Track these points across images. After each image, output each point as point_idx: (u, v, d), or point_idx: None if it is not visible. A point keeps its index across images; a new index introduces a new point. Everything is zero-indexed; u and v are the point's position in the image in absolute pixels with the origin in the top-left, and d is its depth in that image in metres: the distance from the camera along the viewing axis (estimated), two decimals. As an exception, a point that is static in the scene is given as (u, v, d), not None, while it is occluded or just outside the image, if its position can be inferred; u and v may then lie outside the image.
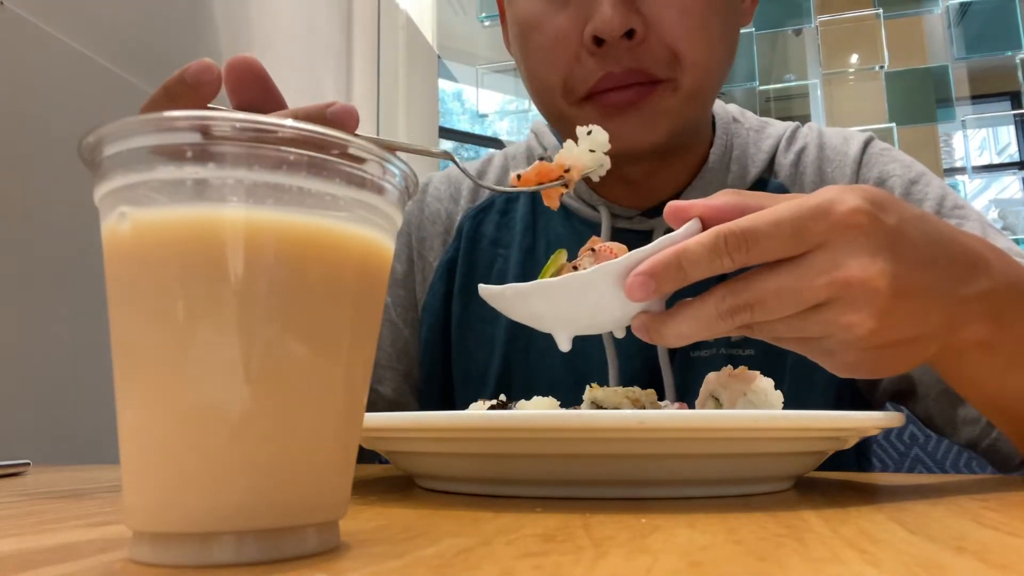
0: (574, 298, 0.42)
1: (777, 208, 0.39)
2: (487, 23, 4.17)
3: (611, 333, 0.65)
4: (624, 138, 0.61)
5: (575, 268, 0.45)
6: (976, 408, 0.52)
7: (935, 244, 0.42)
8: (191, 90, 0.41)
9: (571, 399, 0.49)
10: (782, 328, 0.41)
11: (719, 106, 0.75)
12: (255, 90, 0.43)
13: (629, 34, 0.58)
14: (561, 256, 0.46)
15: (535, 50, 0.63)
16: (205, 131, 0.22)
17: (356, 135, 0.44)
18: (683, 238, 0.40)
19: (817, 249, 0.38)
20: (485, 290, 0.45)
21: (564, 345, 0.44)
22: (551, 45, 0.61)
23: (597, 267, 0.41)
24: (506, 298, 0.44)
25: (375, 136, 0.48)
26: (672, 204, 0.43)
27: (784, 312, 0.39)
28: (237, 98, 0.43)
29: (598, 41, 0.58)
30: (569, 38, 0.60)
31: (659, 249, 0.40)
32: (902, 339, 0.40)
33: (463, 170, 0.53)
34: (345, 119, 0.40)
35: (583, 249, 0.46)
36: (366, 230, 0.25)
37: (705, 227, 0.41)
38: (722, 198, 0.42)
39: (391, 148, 0.48)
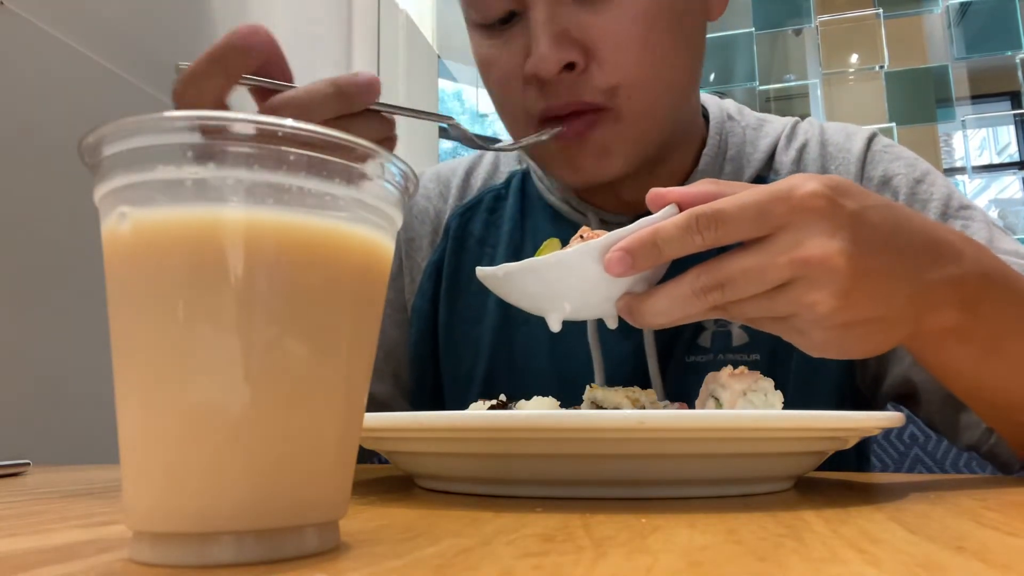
0: (561, 275, 0.44)
1: (746, 192, 0.42)
2: (487, 23, 4.16)
3: (598, 336, 0.66)
4: (584, 172, 0.62)
5: None
6: (960, 397, 0.53)
7: (899, 230, 0.44)
8: (241, 54, 0.46)
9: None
10: (753, 308, 0.43)
11: (714, 104, 0.73)
12: (266, 59, 0.48)
13: (570, 66, 0.57)
14: (554, 244, 0.48)
15: (492, 86, 0.64)
16: (205, 131, 0.22)
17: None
18: (659, 221, 0.43)
19: (780, 231, 0.41)
20: (482, 271, 0.47)
21: (555, 326, 0.46)
22: (502, 82, 0.62)
23: (581, 245, 0.43)
24: (499, 278, 0.46)
25: (381, 101, 0.51)
26: (653, 191, 0.45)
27: (752, 291, 0.41)
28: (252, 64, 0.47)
29: (539, 79, 0.58)
30: (515, 75, 0.60)
31: (638, 229, 0.42)
32: (865, 319, 0.42)
33: (466, 135, 0.55)
34: (371, 85, 0.47)
35: (574, 238, 0.47)
36: (366, 230, 0.25)
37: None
38: (699, 187, 0.44)
39: (397, 111, 0.52)
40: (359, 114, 0.50)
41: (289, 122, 0.22)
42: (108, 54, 1.07)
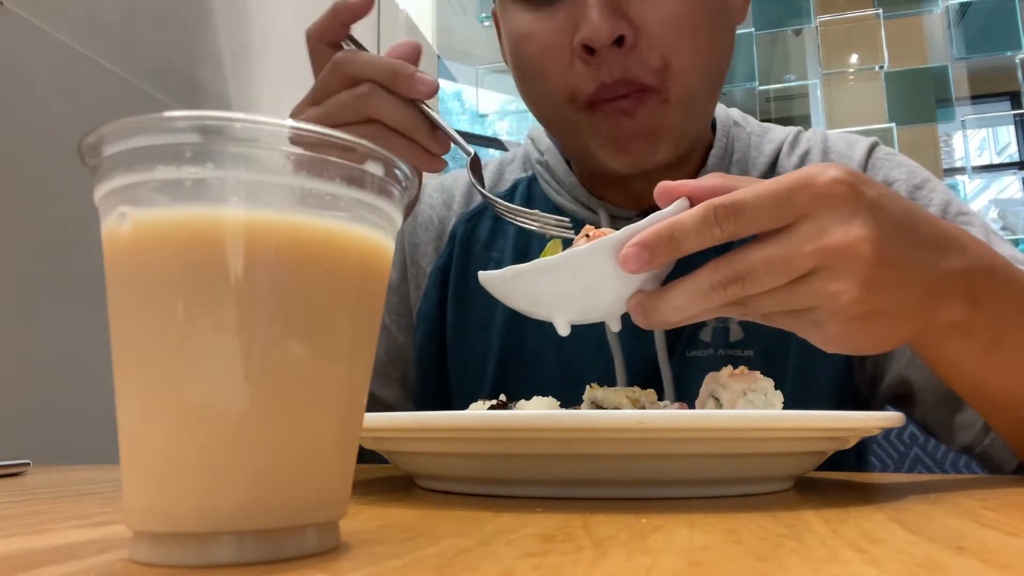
0: (572, 275, 0.42)
1: (763, 183, 0.41)
2: (487, 23, 4.18)
3: (615, 334, 0.66)
4: (631, 156, 0.63)
5: None
6: (961, 395, 0.53)
7: (912, 220, 0.43)
8: (340, 12, 0.52)
9: (566, 403, 0.49)
10: (771, 302, 0.42)
11: (720, 110, 0.75)
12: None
13: (619, 41, 0.58)
14: (557, 246, 0.47)
15: (529, 60, 0.63)
16: (205, 131, 0.22)
17: (426, 105, 0.53)
18: (672, 215, 0.41)
19: (802, 220, 0.40)
20: (484, 275, 0.46)
21: (563, 329, 0.45)
22: (543, 54, 0.61)
23: (593, 243, 0.42)
24: (506, 280, 0.44)
25: (431, 111, 0.53)
26: (662, 184, 0.44)
27: (774, 283, 0.40)
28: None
29: (589, 49, 0.58)
30: (560, 47, 0.60)
31: (650, 224, 0.41)
32: (884, 310, 0.42)
33: (474, 180, 0.55)
34: (424, 84, 0.52)
35: (578, 237, 0.47)
36: (366, 230, 0.25)
37: (693, 206, 0.42)
38: (709, 180, 0.43)
39: (442, 130, 0.53)
40: (406, 103, 0.52)
41: (289, 122, 0.22)
42: (108, 54, 1.07)
